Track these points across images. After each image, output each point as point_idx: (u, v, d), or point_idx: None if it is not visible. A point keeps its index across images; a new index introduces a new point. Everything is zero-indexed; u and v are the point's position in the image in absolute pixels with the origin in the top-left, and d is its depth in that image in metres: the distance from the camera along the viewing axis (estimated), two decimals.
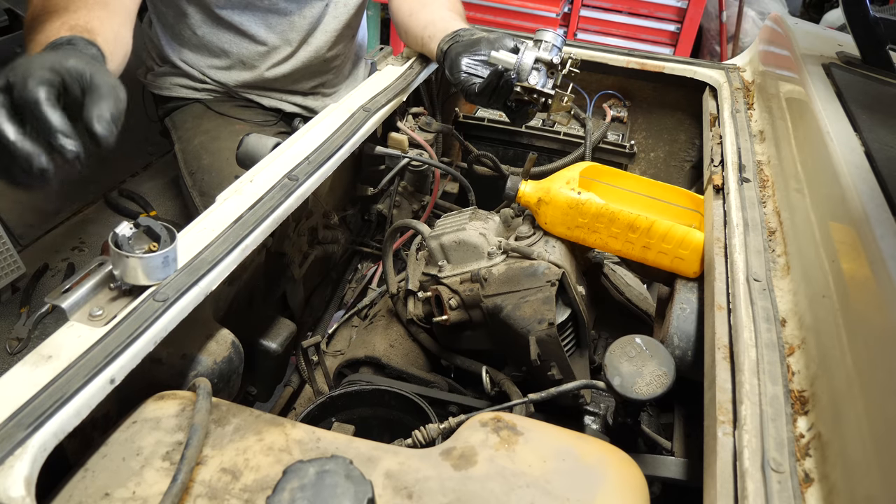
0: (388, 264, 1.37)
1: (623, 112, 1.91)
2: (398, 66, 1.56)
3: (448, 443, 0.76)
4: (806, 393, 0.74)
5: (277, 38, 1.70)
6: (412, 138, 1.55)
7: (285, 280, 1.31)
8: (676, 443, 1.01)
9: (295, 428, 0.76)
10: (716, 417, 0.75)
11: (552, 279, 1.10)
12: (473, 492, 0.69)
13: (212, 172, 1.66)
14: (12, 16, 1.83)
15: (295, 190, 1.04)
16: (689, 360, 1.03)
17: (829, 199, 0.95)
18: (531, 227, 1.23)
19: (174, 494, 0.64)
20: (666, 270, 1.16)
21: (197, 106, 1.80)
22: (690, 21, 3.75)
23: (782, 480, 0.64)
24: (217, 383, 0.91)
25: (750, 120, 1.43)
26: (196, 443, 0.69)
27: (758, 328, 0.82)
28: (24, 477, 0.59)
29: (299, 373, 1.42)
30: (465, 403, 1.17)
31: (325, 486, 0.57)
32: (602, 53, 1.82)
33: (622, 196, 1.25)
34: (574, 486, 0.71)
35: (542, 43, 1.28)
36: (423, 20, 1.55)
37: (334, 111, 1.30)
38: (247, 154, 1.21)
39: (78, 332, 0.74)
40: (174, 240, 0.80)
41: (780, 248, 1.00)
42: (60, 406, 0.64)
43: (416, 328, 1.31)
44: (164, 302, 0.78)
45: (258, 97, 1.81)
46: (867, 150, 1.02)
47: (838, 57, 1.48)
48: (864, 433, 0.62)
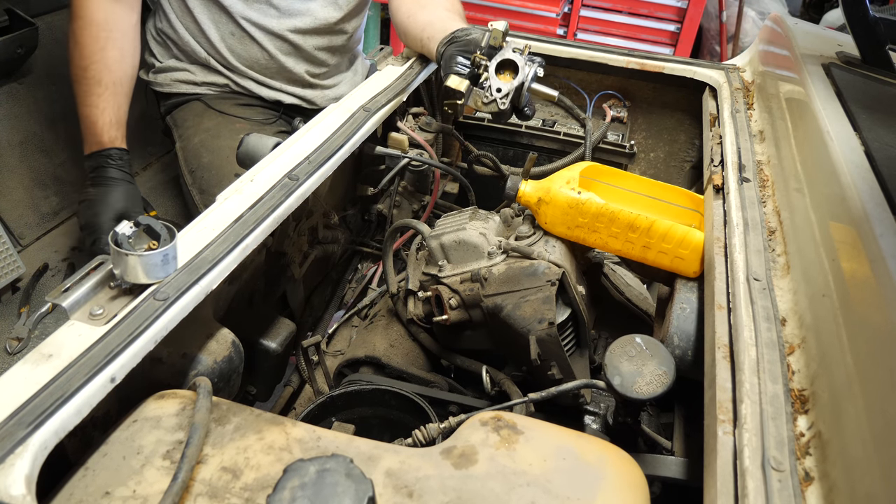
0: (389, 264, 1.37)
1: (623, 112, 1.91)
2: (398, 66, 1.56)
3: (448, 442, 0.76)
4: (806, 392, 0.74)
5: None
6: (412, 138, 1.55)
7: (285, 280, 1.31)
8: (676, 442, 1.01)
9: (295, 427, 0.76)
10: (716, 416, 0.75)
11: (552, 279, 1.10)
12: (474, 490, 0.69)
13: (212, 171, 1.66)
14: (12, 16, 1.83)
15: (295, 189, 1.04)
16: (689, 360, 1.03)
17: (829, 199, 0.95)
18: (531, 227, 1.23)
19: (175, 493, 0.64)
20: (666, 270, 1.16)
21: (198, 104, 1.80)
22: (690, 21, 3.75)
23: (783, 479, 0.64)
24: (217, 382, 0.91)
25: (750, 120, 1.43)
26: (196, 441, 0.69)
27: (758, 327, 0.82)
28: (24, 475, 0.59)
29: (299, 372, 1.42)
30: (466, 403, 1.17)
31: (325, 484, 0.57)
32: (602, 53, 1.82)
33: (622, 196, 1.25)
34: (574, 484, 0.71)
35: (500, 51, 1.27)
36: (421, 21, 1.55)
37: (334, 111, 1.30)
38: (247, 154, 1.21)
39: (78, 330, 0.74)
40: (174, 238, 0.80)
41: (780, 248, 1.00)
42: (61, 405, 0.64)
43: (417, 328, 1.31)
44: (165, 301, 0.78)
45: (258, 88, 1.81)
46: (867, 150, 1.02)
47: (838, 57, 1.48)
48: (864, 432, 0.62)
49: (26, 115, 1.95)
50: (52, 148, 2.02)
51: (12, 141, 1.91)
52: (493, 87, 1.25)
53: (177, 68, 1.79)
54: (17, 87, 1.94)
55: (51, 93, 2.03)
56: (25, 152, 1.94)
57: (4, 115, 1.90)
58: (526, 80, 1.25)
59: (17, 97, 1.94)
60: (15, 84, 1.94)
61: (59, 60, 2.06)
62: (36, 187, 1.97)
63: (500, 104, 1.24)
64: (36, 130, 1.98)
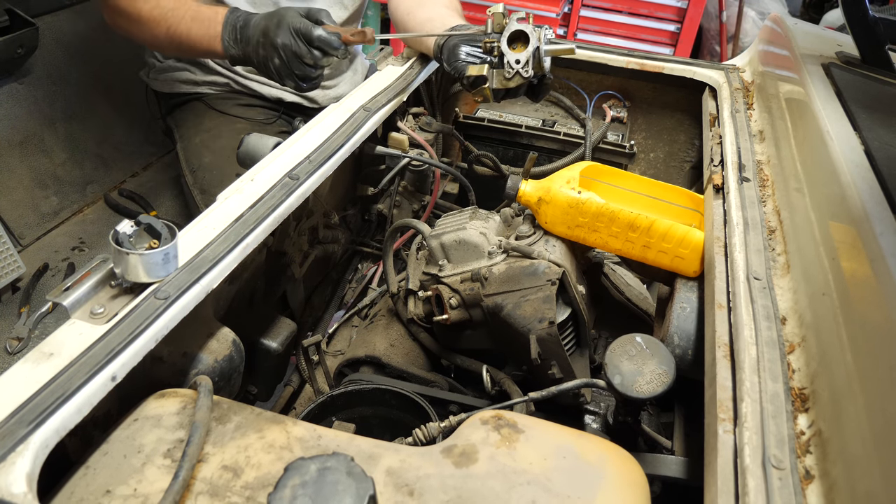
0: (389, 264, 1.37)
1: (623, 112, 1.91)
2: (398, 66, 1.56)
3: (449, 441, 0.76)
4: (806, 390, 0.75)
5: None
6: (412, 138, 1.55)
7: (286, 279, 1.31)
8: (677, 441, 1.01)
9: (296, 426, 0.76)
10: (716, 415, 0.75)
11: (552, 278, 1.11)
12: (474, 489, 0.69)
13: (213, 170, 1.66)
14: (12, 16, 1.83)
15: (295, 189, 1.04)
16: (689, 359, 1.04)
17: (829, 198, 0.95)
18: (531, 227, 1.23)
19: (175, 492, 0.64)
20: (666, 269, 1.16)
21: (198, 104, 1.80)
22: (690, 21, 3.75)
23: (783, 477, 0.64)
24: (218, 381, 0.91)
25: (750, 120, 1.43)
26: (197, 440, 0.69)
27: (758, 326, 0.83)
28: (25, 474, 0.59)
29: (300, 372, 1.42)
30: (466, 402, 1.17)
31: (326, 483, 0.57)
32: (602, 54, 1.82)
33: (622, 195, 1.25)
34: (575, 483, 0.71)
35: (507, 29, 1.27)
36: (420, 18, 1.56)
37: (334, 111, 1.30)
38: (247, 153, 1.21)
39: (79, 329, 0.74)
40: (174, 237, 0.80)
41: (780, 247, 1.00)
42: (62, 403, 0.64)
43: (417, 327, 1.31)
44: (166, 300, 0.78)
45: (258, 86, 1.80)
46: (867, 150, 1.03)
47: (838, 57, 1.48)
48: (864, 430, 0.62)
49: (26, 115, 1.95)
50: (52, 148, 2.02)
51: (12, 141, 1.91)
52: (512, 60, 1.25)
53: (177, 68, 1.79)
54: (17, 87, 1.94)
55: (51, 93, 2.03)
56: (25, 152, 1.95)
57: (4, 115, 1.90)
58: (540, 42, 1.25)
59: (17, 97, 1.94)
60: (15, 84, 1.94)
61: (59, 60, 2.06)
62: (36, 187, 1.97)
63: (524, 73, 1.24)
64: (36, 130, 1.98)
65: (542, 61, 1.24)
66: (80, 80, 2.12)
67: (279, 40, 1.29)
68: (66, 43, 2.09)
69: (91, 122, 2.15)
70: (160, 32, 1.46)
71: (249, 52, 1.37)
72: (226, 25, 1.39)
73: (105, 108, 2.20)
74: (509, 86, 1.26)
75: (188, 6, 1.44)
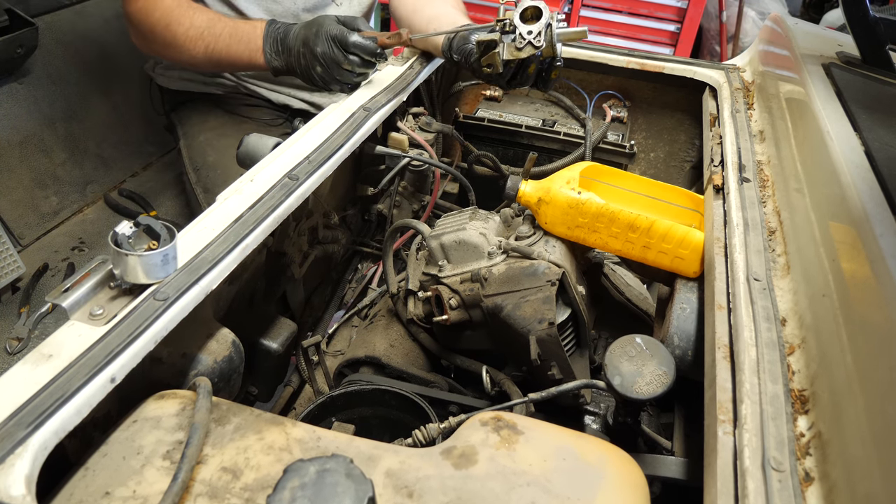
0: (389, 264, 1.37)
1: (623, 112, 1.91)
2: (398, 66, 1.56)
3: (448, 442, 0.76)
4: (806, 392, 0.74)
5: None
6: (412, 138, 1.55)
7: (285, 280, 1.31)
8: (676, 442, 1.01)
9: (295, 427, 0.76)
10: (716, 416, 0.75)
11: (552, 279, 1.10)
12: (474, 491, 0.69)
13: (217, 169, 1.66)
14: (12, 16, 1.83)
15: (295, 189, 1.04)
16: (689, 360, 1.03)
17: (829, 199, 0.95)
18: (531, 227, 1.23)
19: (175, 493, 0.64)
20: (666, 270, 1.16)
21: (205, 102, 1.79)
22: (690, 21, 3.75)
23: (783, 479, 0.64)
24: (217, 382, 0.91)
25: (750, 120, 1.43)
26: (196, 442, 0.69)
27: (758, 327, 0.82)
28: (24, 475, 0.59)
29: (299, 373, 1.42)
30: (466, 403, 1.17)
31: (325, 484, 0.57)
32: (602, 53, 1.82)
33: (622, 196, 1.25)
34: (574, 484, 0.71)
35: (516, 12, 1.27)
36: (427, 15, 1.56)
37: (334, 111, 1.30)
38: (247, 154, 1.21)
39: (78, 331, 0.74)
40: (174, 238, 0.80)
41: (780, 248, 1.00)
42: (61, 405, 0.64)
43: (417, 328, 1.31)
44: (165, 301, 0.78)
45: (267, 92, 1.80)
46: (867, 150, 1.02)
47: (838, 57, 1.48)
48: (864, 432, 0.62)
49: (26, 115, 1.95)
50: (51, 148, 2.02)
51: (12, 141, 1.91)
52: (524, 31, 1.25)
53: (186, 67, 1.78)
54: (17, 87, 1.94)
55: (51, 93, 2.03)
56: (25, 152, 1.95)
57: (4, 115, 1.90)
58: (552, 19, 1.25)
59: (17, 97, 1.94)
60: (15, 84, 1.94)
61: (59, 60, 2.06)
62: (36, 187, 1.97)
63: (536, 42, 1.24)
64: (36, 130, 1.98)
65: (553, 43, 1.25)
66: (80, 80, 2.12)
67: (318, 49, 1.33)
68: (66, 43, 2.09)
69: (91, 122, 2.14)
70: (198, 52, 1.47)
71: (292, 62, 1.40)
72: (266, 38, 1.42)
73: (105, 108, 2.20)
74: (520, 56, 1.26)
75: (224, 23, 1.46)
